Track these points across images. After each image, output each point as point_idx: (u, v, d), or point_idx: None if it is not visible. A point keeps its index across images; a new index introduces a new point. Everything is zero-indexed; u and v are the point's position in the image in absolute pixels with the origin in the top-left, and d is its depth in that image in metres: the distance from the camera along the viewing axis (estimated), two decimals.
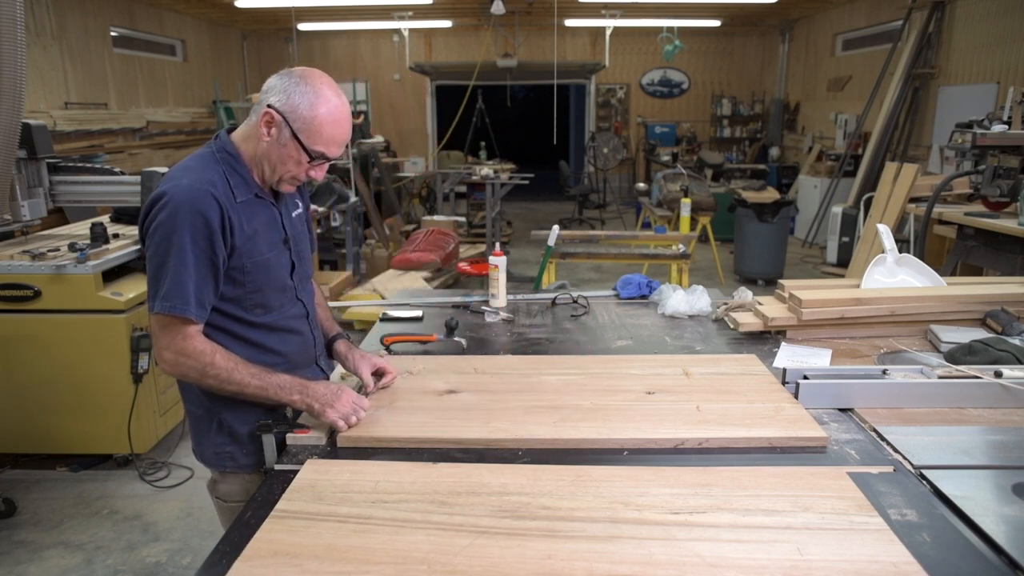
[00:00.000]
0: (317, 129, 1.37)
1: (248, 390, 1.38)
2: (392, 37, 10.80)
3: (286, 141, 1.38)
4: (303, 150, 1.39)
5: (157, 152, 8.30)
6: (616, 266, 6.87)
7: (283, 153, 1.40)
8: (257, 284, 1.45)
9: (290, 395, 1.40)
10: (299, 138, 1.37)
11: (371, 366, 1.62)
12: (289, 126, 1.37)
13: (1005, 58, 6.14)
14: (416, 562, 1.01)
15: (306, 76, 1.38)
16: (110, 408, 3.17)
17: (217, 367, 1.35)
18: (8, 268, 3.05)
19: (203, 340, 1.37)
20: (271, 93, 1.38)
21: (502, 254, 2.38)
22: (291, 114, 1.36)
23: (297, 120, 1.36)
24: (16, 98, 2.77)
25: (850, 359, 1.85)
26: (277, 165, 1.42)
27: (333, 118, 1.38)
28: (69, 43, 7.02)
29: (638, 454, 1.36)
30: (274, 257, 1.48)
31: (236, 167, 1.43)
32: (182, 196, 1.32)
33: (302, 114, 1.36)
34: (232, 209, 1.37)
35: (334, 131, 1.39)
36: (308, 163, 1.41)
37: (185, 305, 1.32)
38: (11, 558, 2.69)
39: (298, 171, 1.43)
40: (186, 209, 1.31)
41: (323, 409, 1.39)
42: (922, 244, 4.24)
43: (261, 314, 1.48)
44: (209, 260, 1.34)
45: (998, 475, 1.26)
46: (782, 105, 11.09)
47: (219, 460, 1.54)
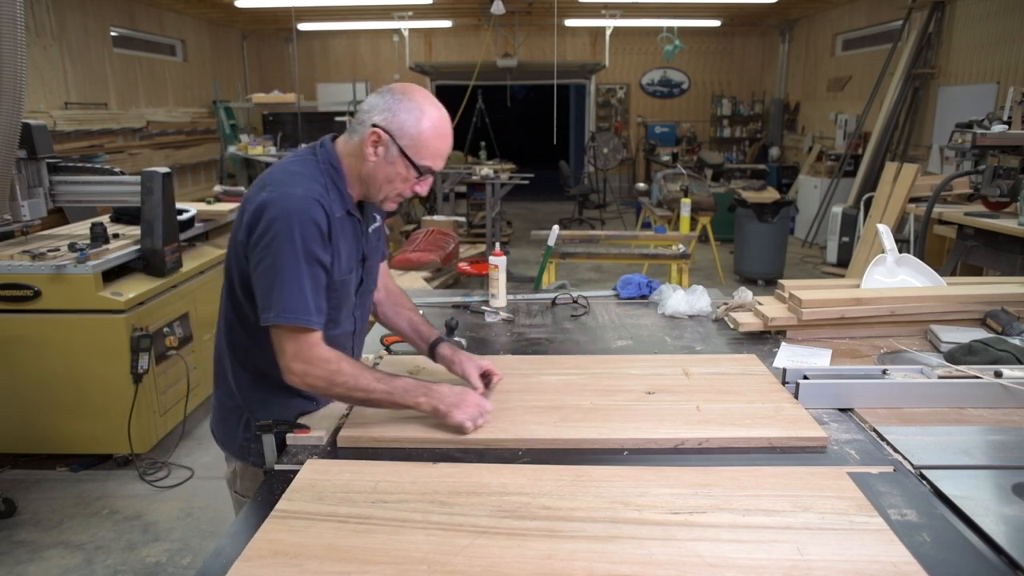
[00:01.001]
0: (425, 144, 1.37)
1: (374, 395, 1.37)
2: (392, 37, 10.81)
3: (394, 159, 1.38)
4: (412, 166, 1.39)
5: (157, 152, 8.31)
6: (616, 266, 6.87)
7: (391, 171, 1.39)
8: (337, 300, 1.45)
9: (415, 398, 1.39)
10: (407, 154, 1.37)
11: (478, 368, 1.58)
12: (396, 143, 1.37)
13: (1005, 58, 6.14)
14: (416, 562, 1.01)
15: (407, 92, 1.38)
16: (110, 408, 3.17)
17: (344, 374, 1.35)
18: (8, 268, 3.05)
19: (327, 348, 1.36)
20: (374, 112, 1.38)
21: (502, 254, 2.38)
22: (398, 131, 1.36)
23: (404, 137, 1.36)
24: (16, 98, 2.77)
25: (850, 359, 1.85)
26: (384, 184, 1.41)
27: (439, 132, 1.38)
28: (69, 43, 7.02)
29: (638, 454, 1.35)
30: (353, 276, 1.48)
31: (337, 181, 1.42)
32: (296, 205, 1.31)
33: (409, 131, 1.36)
34: (332, 223, 1.37)
35: (440, 144, 1.40)
36: (415, 178, 1.41)
37: (307, 315, 1.31)
38: (11, 558, 2.69)
39: (404, 188, 1.43)
40: (301, 218, 1.30)
41: (449, 411, 1.38)
42: (922, 244, 4.24)
43: (329, 328, 1.46)
44: (322, 269, 1.34)
45: (998, 475, 1.26)
46: (782, 105, 11.09)
47: (244, 453, 1.54)
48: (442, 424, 1.41)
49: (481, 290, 2.59)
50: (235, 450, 1.56)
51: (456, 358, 1.61)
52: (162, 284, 3.38)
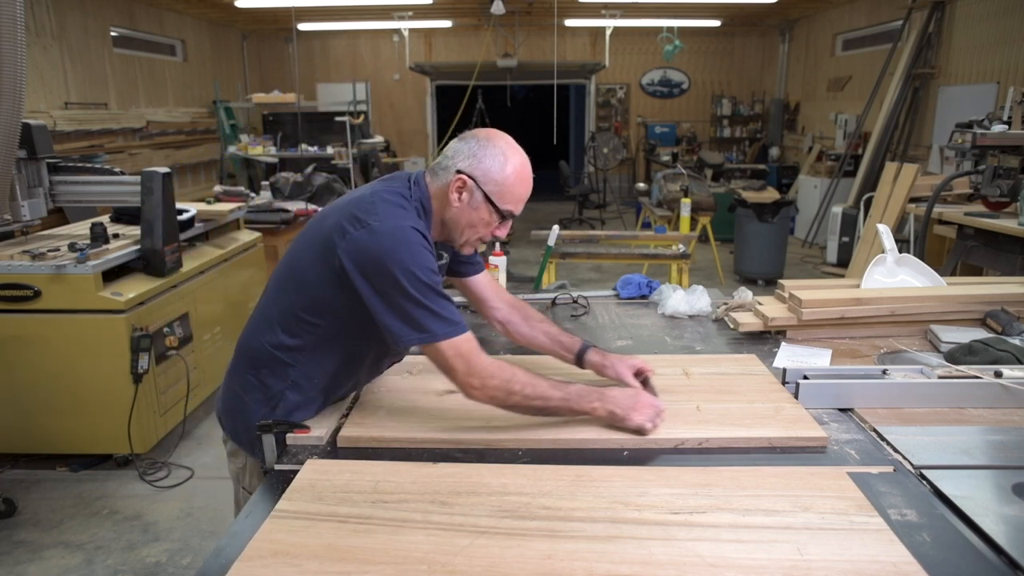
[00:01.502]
0: (508, 189, 1.39)
1: (552, 403, 1.37)
2: (392, 37, 10.80)
3: (478, 204, 1.40)
4: (495, 211, 1.40)
5: (157, 152, 8.31)
6: (616, 266, 6.86)
7: (474, 216, 1.41)
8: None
9: (591, 403, 1.38)
10: (491, 200, 1.39)
11: (631, 368, 1.57)
12: (481, 189, 1.38)
13: (1005, 58, 6.14)
14: (416, 562, 1.01)
15: (491, 138, 1.41)
16: (110, 408, 3.17)
17: (520, 381, 1.35)
18: (8, 268, 3.05)
19: (488, 357, 1.37)
20: (458, 158, 1.40)
21: (502, 254, 2.39)
22: (483, 177, 1.38)
23: (489, 183, 1.38)
24: (16, 98, 2.77)
25: (850, 359, 1.85)
26: (467, 228, 1.43)
27: (521, 177, 1.40)
28: (69, 43, 7.02)
29: (638, 454, 1.35)
30: None
31: (427, 223, 1.43)
32: (410, 235, 1.32)
33: (494, 176, 1.38)
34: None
35: (523, 190, 1.42)
36: (497, 222, 1.43)
37: (458, 325, 1.34)
38: (11, 558, 2.69)
39: (485, 232, 1.44)
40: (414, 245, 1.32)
41: (627, 415, 1.37)
42: (922, 244, 4.24)
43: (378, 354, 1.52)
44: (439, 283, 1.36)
45: (998, 475, 1.26)
46: (782, 105, 11.09)
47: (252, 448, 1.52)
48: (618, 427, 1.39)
49: None
50: (244, 443, 1.55)
51: (606, 361, 1.59)
52: (162, 284, 3.38)
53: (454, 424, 1.44)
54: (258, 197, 5.48)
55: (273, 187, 5.99)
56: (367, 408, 1.52)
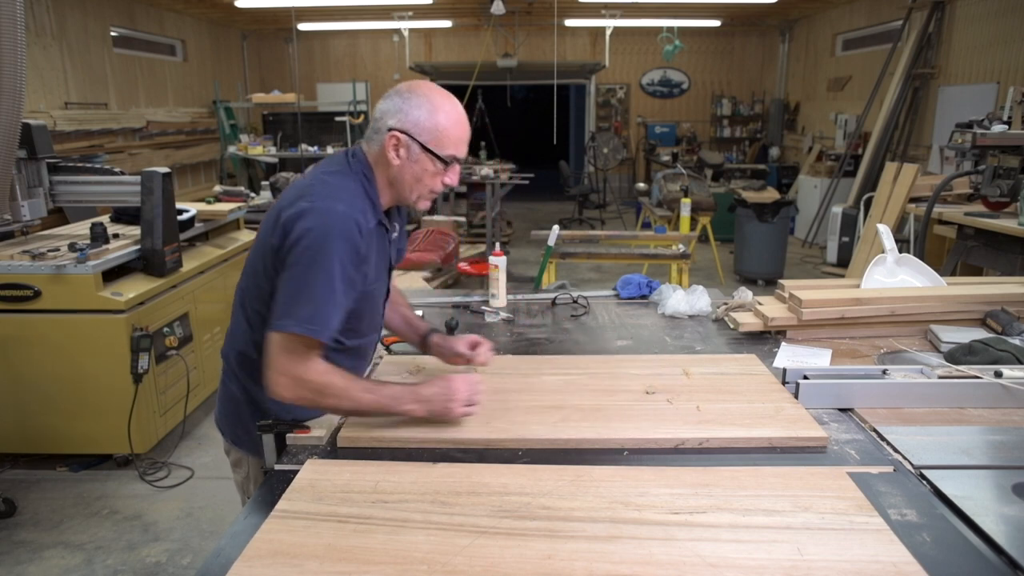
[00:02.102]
0: (444, 134, 1.39)
1: (363, 406, 1.37)
2: (392, 37, 10.81)
3: (418, 157, 1.39)
4: (437, 159, 1.40)
5: (157, 152, 8.31)
6: (616, 266, 6.87)
7: (417, 169, 1.41)
8: (360, 311, 1.45)
9: (406, 405, 1.38)
10: (429, 149, 1.39)
11: (467, 343, 1.63)
12: (416, 141, 1.38)
13: (1005, 58, 6.14)
14: (416, 562, 1.01)
15: (413, 88, 1.40)
16: (110, 408, 3.17)
17: (335, 387, 1.34)
18: (8, 268, 3.05)
19: (320, 362, 1.35)
20: (386, 116, 1.39)
21: (502, 254, 2.38)
22: (415, 129, 1.38)
23: (423, 133, 1.38)
24: (16, 98, 2.77)
25: (850, 359, 1.85)
26: (414, 183, 1.43)
27: (453, 120, 1.40)
28: (69, 43, 7.02)
29: (638, 454, 1.35)
30: (379, 285, 1.49)
31: (369, 192, 1.42)
32: (337, 222, 1.31)
33: (425, 125, 1.38)
34: (368, 237, 1.38)
35: (458, 131, 1.41)
36: (444, 170, 1.43)
37: (323, 330, 1.31)
38: (11, 558, 2.69)
39: (434, 183, 1.44)
40: (339, 236, 1.30)
41: (445, 408, 1.37)
42: (922, 244, 4.24)
43: (352, 337, 1.48)
44: (351, 287, 1.35)
45: (998, 475, 1.26)
46: (782, 105, 11.10)
47: (256, 449, 1.52)
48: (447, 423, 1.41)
49: (481, 290, 2.59)
50: (247, 445, 1.55)
51: (446, 343, 1.66)
52: (162, 284, 3.38)
53: (454, 424, 1.44)
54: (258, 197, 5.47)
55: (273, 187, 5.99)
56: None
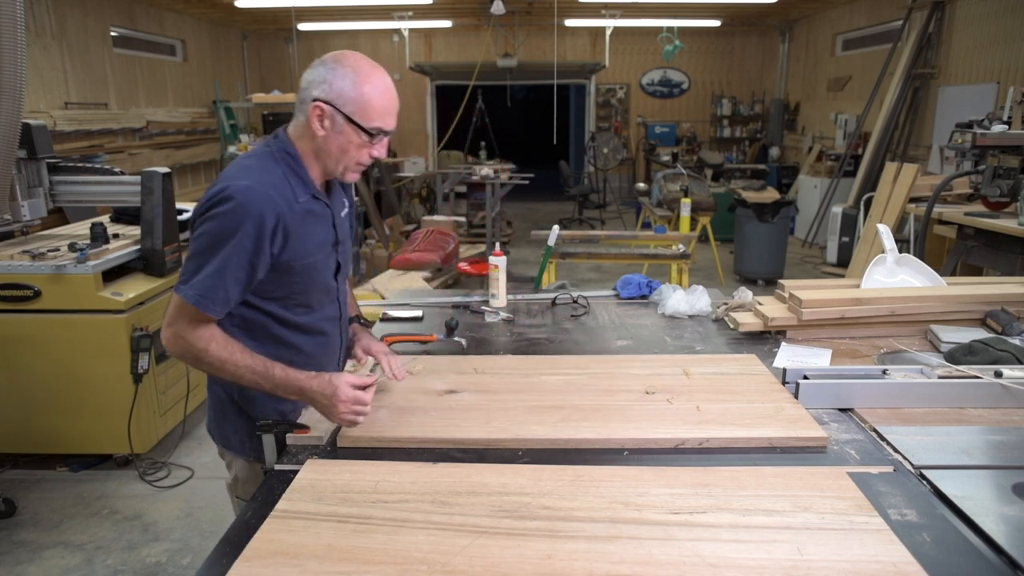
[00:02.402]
0: (368, 105, 1.36)
1: (242, 383, 1.39)
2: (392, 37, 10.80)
3: (342, 128, 1.38)
4: (362, 131, 1.38)
5: (157, 152, 8.30)
6: (616, 266, 6.87)
7: (343, 141, 1.39)
8: (303, 285, 1.46)
9: (290, 395, 1.40)
10: (354, 120, 1.37)
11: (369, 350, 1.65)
12: (341, 112, 1.36)
13: (1005, 58, 6.14)
14: (416, 562, 1.01)
15: (339, 59, 1.38)
16: (110, 408, 3.17)
17: (211, 356, 1.35)
18: (8, 268, 3.05)
19: (208, 329, 1.36)
20: (311, 87, 1.38)
21: (502, 254, 2.38)
22: (338, 100, 1.36)
23: (347, 103, 1.36)
24: (16, 98, 2.77)
25: (850, 359, 1.85)
26: (339, 155, 1.41)
27: (379, 90, 1.38)
28: (69, 43, 7.02)
29: (638, 454, 1.35)
30: (322, 259, 1.49)
31: (296, 168, 1.42)
32: (240, 196, 1.32)
33: (349, 96, 1.36)
34: (290, 212, 1.37)
35: (384, 102, 1.39)
36: (370, 142, 1.41)
37: (212, 304, 1.33)
38: (11, 558, 2.69)
39: (360, 155, 1.42)
40: (241, 210, 1.31)
41: (327, 410, 1.38)
42: (922, 244, 4.23)
43: (302, 313, 1.49)
44: (249, 263, 1.34)
45: (998, 475, 1.26)
46: (782, 105, 11.09)
47: (243, 448, 1.54)
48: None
49: (481, 290, 2.59)
50: (235, 446, 1.56)
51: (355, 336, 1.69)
52: (162, 284, 3.38)
53: (454, 424, 1.44)
54: None
55: None
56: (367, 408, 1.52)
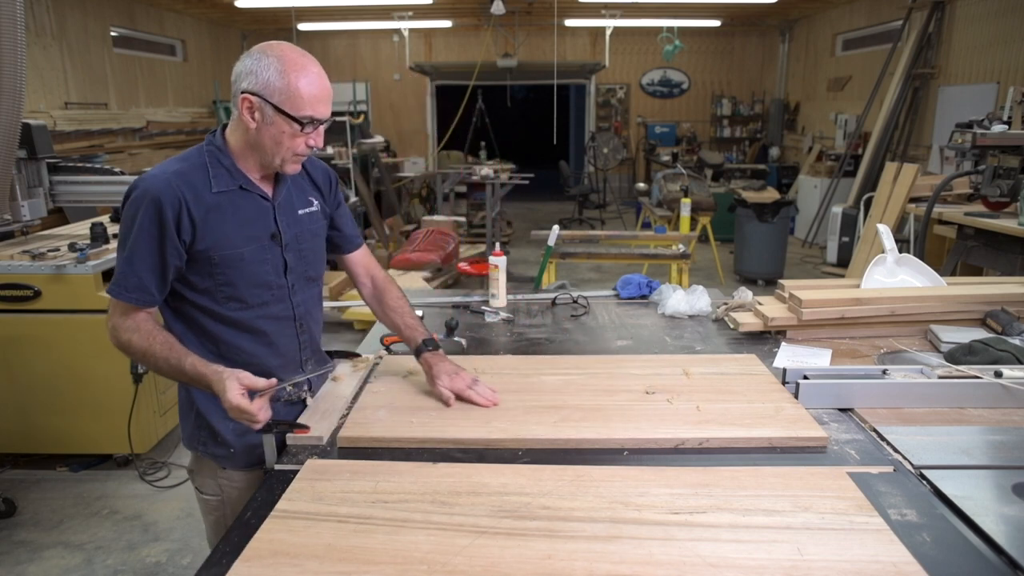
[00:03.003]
0: (296, 94, 1.34)
1: (162, 373, 1.40)
2: (392, 37, 10.80)
3: (272, 118, 1.36)
4: (292, 120, 1.36)
5: (157, 152, 8.30)
6: (616, 266, 6.87)
7: (274, 132, 1.38)
8: (228, 277, 1.43)
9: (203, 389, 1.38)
10: (283, 110, 1.35)
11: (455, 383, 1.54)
12: (269, 102, 1.35)
13: (1005, 58, 6.14)
14: (416, 562, 1.01)
15: (265, 50, 1.37)
16: (110, 408, 3.17)
17: (134, 346, 1.38)
18: (8, 268, 3.05)
19: (132, 320, 1.39)
20: (240, 79, 1.37)
21: (502, 254, 2.38)
22: (265, 90, 1.34)
23: (274, 93, 1.34)
24: (16, 98, 2.77)
25: (850, 359, 1.85)
26: (273, 146, 1.40)
27: (307, 78, 1.35)
28: (69, 43, 7.02)
29: (638, 454, 1.35)
30: (252, 251, 1.45)
31: (221, 159, 1.43)
32: (141, 185, 1.36)
33: (276, 86, 1.34)
34: (197, 199, 1.38)
35: (312, 90, 1.35)
36: (301, 132, 1.38)
37: (125, 291, 1.37)
38: (11, 558, 2.69)
39: (296, 144, 1.40)
40: (140, 198, 1.35)
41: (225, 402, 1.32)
42: (922, 244, 4.23)
43: (236, 308, 1.45)
44: (157, 248, 1.36)
45: (998, 475, 1.26)
46: (782, 105, 11.09)
47: (192, 442, 1.55)
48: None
49: (481, 290, 2.59)
50: (187, 439, 1.56)
51: (432, 372, 1.58)
52: None
53: (454, 424, 1.44)
54: None
55: None
56: (367, 408, 1.53)
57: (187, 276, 1.42)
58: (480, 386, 1.55)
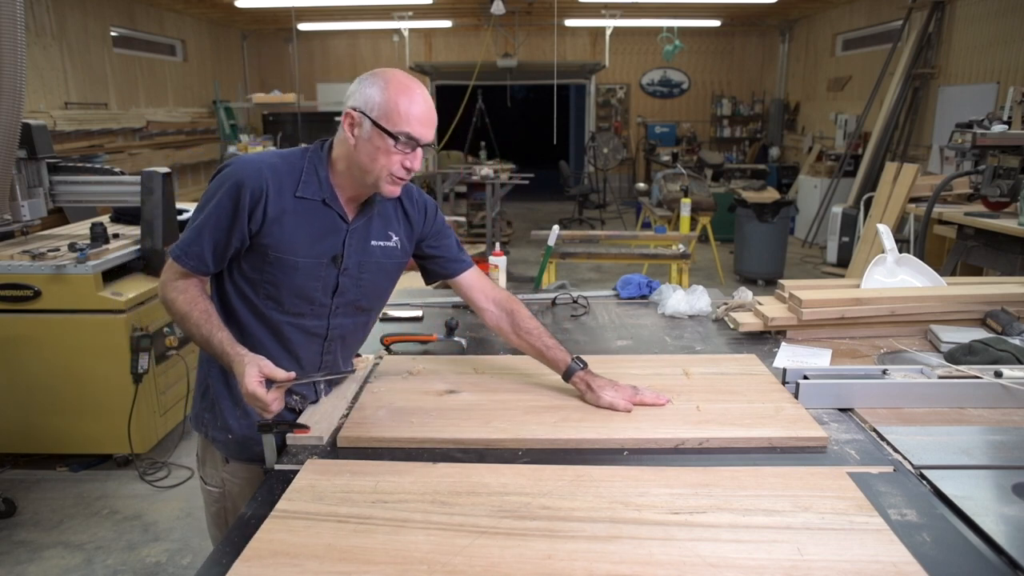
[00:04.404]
0: (394, 109, 1.36)
1: (194, 341, 1.42)
2: (392, 37, 10.80)
3: (370, 133, 1.37)
4: (387, 135, 1.36)
5: (157, 152, 8.30)
6: (616, 266, 6.87)
7: (371, 147, 1.38)
8: (275, 278, 1.45)
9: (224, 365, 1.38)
10: (380, 124, 1.36)
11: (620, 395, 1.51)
12: (368, 117, 1.37)
13: (1005, 58, 6.14)
14: (416, 562, 1.01)
15: (377, 72, 1.42)
16: (110, 408, 3.17)
17: (176, 307, 1.42)
18: (8, 268, 3.05)
19: (184, 282, 1.42)
20: (348, 99, 1.41)
21: (502, 254, 2.39)
22: (367, 105, 1.37)
23: (374, 108, 1.36)
24: (16, 98, 2.77)
25: (850, 359, 1.85)
26: (369, 163, 1.39)
27: (408, 98, 1.37)
28: (69, 43, 7.02)
29: (638, 454, 1.35)
30: (308, 264, 1.44)
31: (318, 168, 1.45)
32: (235, 166, 1.41)
33: (376, 101, 1.37)
34: (278, 195, 1.40)
35: (412, 109, 1.36)
36: (396, 148, 1.38)
37: (186, 257, 1.41)
38: (11, 558, 2.69)
39: (391, 163, 1.39)
40: (227, 175, 1.40)
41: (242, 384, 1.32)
42: (922, 244, 4.24)
43: (271, 308, 1.48)
44: (226, 226, 1.39)
45: (998, 475, 1.26)
46: (782, 105, 11.09)
47: (197, 422, 1.58)
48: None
49: None
50: (193, 419, 1.59)
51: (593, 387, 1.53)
52: None
53: (454, 424, 1.44)
54: None
55: None
56: (367, 408, 1.53)
57: (240, 261, 1.45)
58: (645, 390, 1.53)
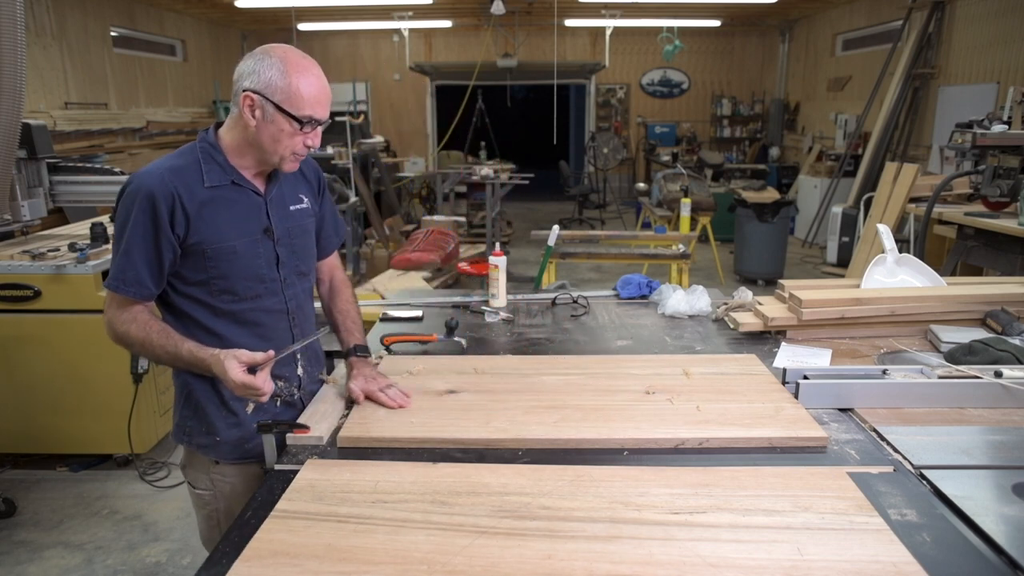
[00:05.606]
0: (297, 94, 1.37)
1: (162, 363, 1.44)
2: (392, 37, 10.80)
3: (273, 117, 1.39)
4: (292, 119, 1.39)
5: (157, 152, 8.30)
6: (616, 266, 6.87)
7: (274, 130, 1.40)
8: (221, 270, 1.45)
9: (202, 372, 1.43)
10: (284, 109, 1.38)
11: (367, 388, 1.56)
12: (270, 101, 1.38)
13: (1005, 58, 6.14)
14: (416, 562, 1.01)
15: (268, 51, 1.40)
16: (110, 408, 3.17)
17: (131, 337, 1.43)
18: (8, 268, 3.05)
19: (129, 312, 1.43)
20: (242, 79, 1.40)
21: (502, 254, 2.38)
22: (267, 89, 1.37)
23: (276, 92, 1.37)
24: (16, 98, 2.77)
25: (850, 359, 1.85)
26: (272, 144, 1.42)
27: (308, 80, 1.38)
28: (69, 43, 7.02)
29: (638, 454, 1.35)
30: (245, 245, 1.47)
31: (213, 155, 1.46)
32: (135, 181, 1.40)
33: (278, 85, 1.37)
34: (190, 194, 1.40)
35: (313, 91, 1.39)
36: (300, 131, 1.41)
37: (124, 285, 1.41)
38: (11, 558, 2.69)
39: (294, 143, 1.43)
40: (134, 193, 1.39)
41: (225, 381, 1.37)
42: (922, 244, 4.23)
43: (229, 301, 1.48)
44: (153, 242, 1.39)
45: (998, 475, 1.26)
46: (782, 105, 11.09)
47: (178, 434, 1.59)
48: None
49: (481, 290, 2.59)
50: (175, 430, 1.61)
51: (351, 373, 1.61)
52: None
53: (454, 424, 1.44)
54: None
55: None
56: (367, 408, 1.53)
57: (180, 270, 1.45)
58: (392, 390, 1.56)
